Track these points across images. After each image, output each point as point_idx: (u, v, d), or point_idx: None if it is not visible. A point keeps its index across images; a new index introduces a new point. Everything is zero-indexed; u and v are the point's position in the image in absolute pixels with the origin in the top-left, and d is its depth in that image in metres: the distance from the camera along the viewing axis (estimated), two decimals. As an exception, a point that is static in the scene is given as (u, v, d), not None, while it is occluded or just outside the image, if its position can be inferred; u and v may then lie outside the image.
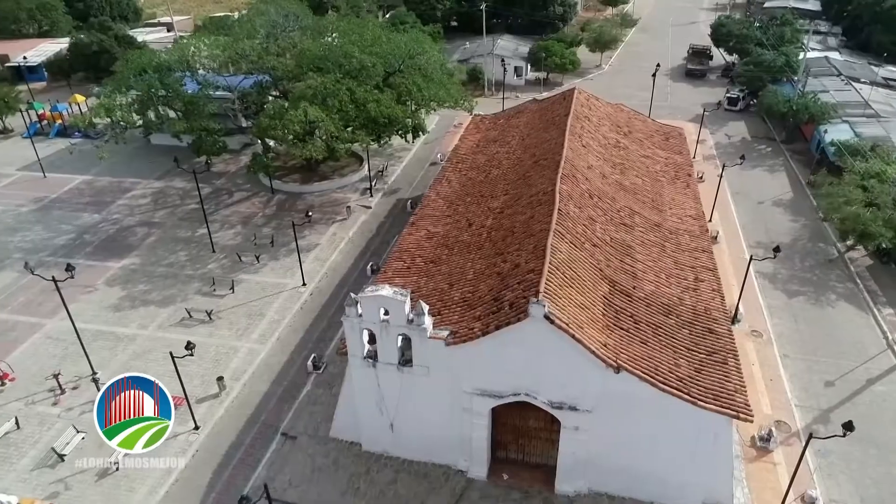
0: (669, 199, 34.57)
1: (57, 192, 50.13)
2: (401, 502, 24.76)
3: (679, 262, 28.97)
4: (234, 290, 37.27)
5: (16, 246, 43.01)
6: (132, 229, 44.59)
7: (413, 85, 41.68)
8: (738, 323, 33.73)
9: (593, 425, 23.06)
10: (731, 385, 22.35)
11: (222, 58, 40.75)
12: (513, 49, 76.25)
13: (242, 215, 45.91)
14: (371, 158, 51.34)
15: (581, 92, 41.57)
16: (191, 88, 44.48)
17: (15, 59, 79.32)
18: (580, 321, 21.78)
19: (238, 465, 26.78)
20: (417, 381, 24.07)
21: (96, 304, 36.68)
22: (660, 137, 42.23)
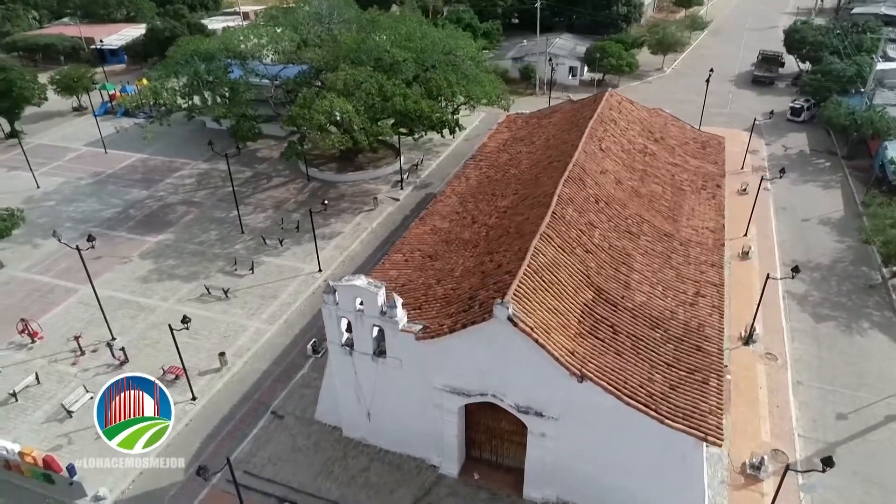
0: (689, 209, 33.25)
1: (114, 168, 53.50)
2: (370, 490, 25.16)
3: (682, 274, 27.88)
4: (253, 270, 38.72)
5: (68, 215, 46.27)
6: (173, 207, 47.03)
7: (443, 81, 41.79)
8: (752, 344, 32.17)
9: (560, 433, 22.66)
10: (707, 406, 21.38)
11: (261, 47, 42.18)
12: (570, 48, 74.96)
13: (276, 200, 47.52)
14: (408, 152, 52.04)
15: (613, 95, 40.50)
16: (236, 75, 46.35)
17: (104, 43, 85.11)
18: (548, 326, 21.42)
19: (226, 437, 27.96)
20: (391, 373, 24.37)
21: (128, 275, 39.01)
22: (695, 145, 40.58)
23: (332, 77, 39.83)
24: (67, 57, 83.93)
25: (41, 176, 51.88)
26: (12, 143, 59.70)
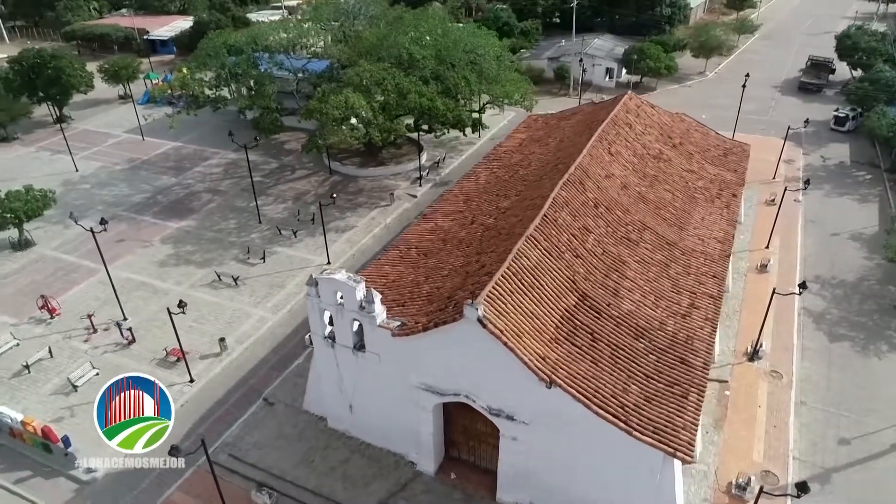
0: (698, 218, 32.29)
1: (149, 155, 55.53)
2: (346, 481, 25.47)
3: (679, 284, 27.12)
4: (264, 260, 39.61)
5: (101, 199, 48.31)
6: (198, 195, 48.51)
7: (461, 79, 41.71)
8: (757, 360, 31.05)
9: (531, 438, 22.44)
10: (682, 421, 20.80)
11: (285, 42, 43.03)
12: (608, 49, 73.65)
13: (297, 191, 48.44)
14: (433, 149, 52.27)
15: (632, 98, 39.62)
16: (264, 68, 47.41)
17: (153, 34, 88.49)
18: (521, 330, 21.21)
19: (216, 420, 28.76)
20: (370, 368, 24.60)
21: (147, 258, 40.50)
22: (717, 153, 39.33)
23: (351, 73, 40.32)
24: (121, 46, 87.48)
25: (81, 160, 54.31)
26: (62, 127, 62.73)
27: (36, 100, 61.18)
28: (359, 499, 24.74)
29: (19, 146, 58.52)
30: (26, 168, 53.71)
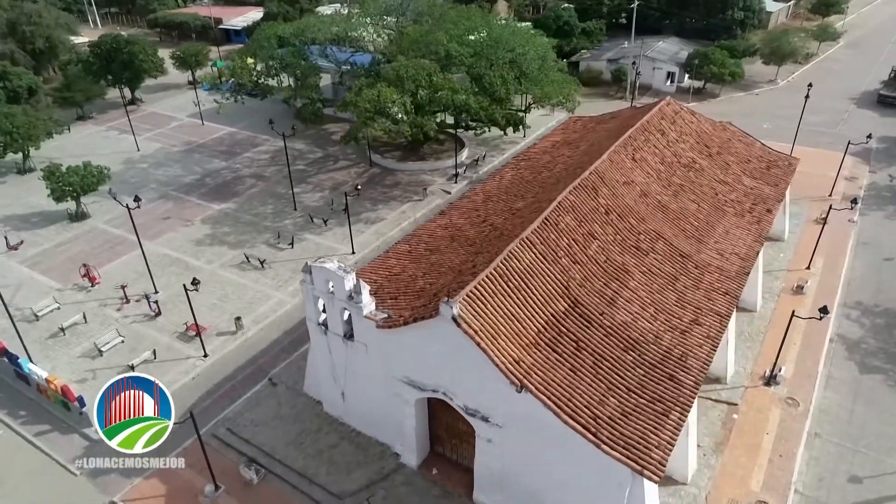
0: (722, 231, 30.91)
1: (204, 139, 58.26)
2: (331, 466, 26.06)
3: (685, 299, 26.11)
4: (293, 245, 40.87)
5: (154, 178, 51.13)
6: (243, 179, 50.53)
7: (497, 78, 41.43)
8: (774, 385, 29.49)
9: (505, 441, 22.30)
10: (657, 439, 20.13)
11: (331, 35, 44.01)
12: (672, 53, 71.25)
13: (335, 181, 49.61)
14: (476, 147, 52.38)
15: (670, 104, 38.22)
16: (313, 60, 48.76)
17: (227, 23, 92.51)
18: (498, 331, 21.06)
19: (222, 395, 30.04)
20: (359, 357, 25.07)
21: (185, 237, 42.61)
22: (759, 165, 37.44)
23: (388, 67, 40.87)
24: (198, 35, 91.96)
25: (144, 140, 57.63)
26: (131, 109, 66.70)
27: (111, 82, 65.30)
28: (339, 483, 25.30)
29: (93, 125, 62.70)
30: (95, 145, 57.52)
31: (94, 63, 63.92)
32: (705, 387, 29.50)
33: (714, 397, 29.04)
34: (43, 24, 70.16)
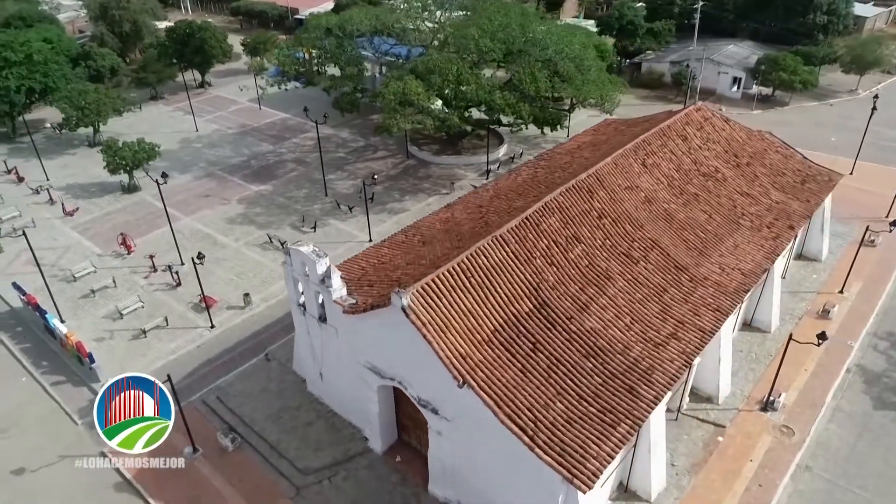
0: (730, 245, 29.41)
1: (258, 123, 60.93)
2: (301, 442, 26.97)
3: (668, 311, 25.13)
4: (315, 229, 42.25)
5: (205, 157, 54.07)
6: (285, 163, 52.54)
7: (526, 75, 40.89)
8: (771, 411, 27.88)
9: (453, 436, 22.39)
10: (596, 450, 19.65)
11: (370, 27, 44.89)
12: (741, 57, 67.71)
13: (370, 170, 50.63)
14: (517, 144, 52.19)
15: (700, 109, 36.54)
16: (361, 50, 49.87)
17: (301, 13, 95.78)
18: (448, 325, 21.11)
19: (219, 365, 31.63)
20: (331, 340, 25.80)
21: (220, 214, 44.91)
22: (793, 178, 35.21)
23: (417, 61, 41.28)
24: (276, 23, 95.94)
25: (203, 122, 61.01)
26: (199, 92, 70.76)
27: (183, 66, 69.39)
28: (306, 460, 26.18)
29: (162, 105, 66.94)
30: (160, 124, 61.45)
31: (169, 47, 68.21)
32: (693, 405, 28.38)
33: (701, 417, 27.80)
34: (130, 9, 75.27)
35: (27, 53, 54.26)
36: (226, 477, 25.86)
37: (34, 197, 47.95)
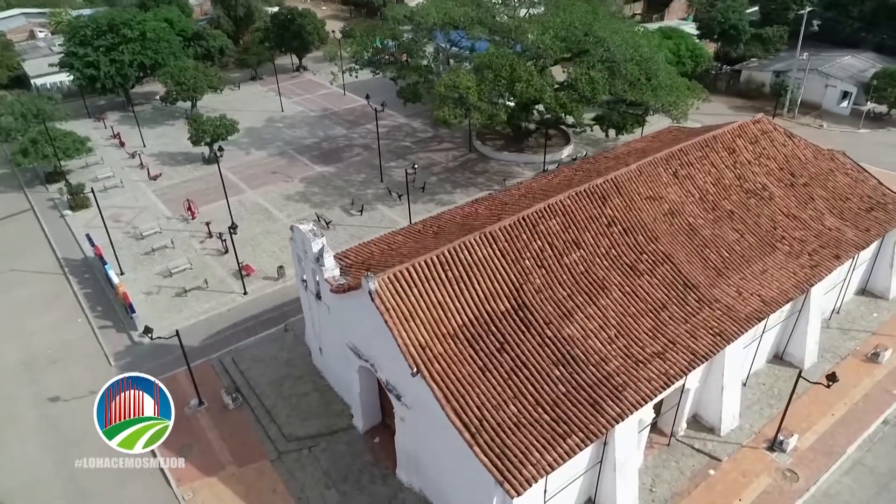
0: (759, 269, 27.29)
1: (339, 108, 63.52)
2: (292, 411, 28.29)
3: (662, 330, 23.89)
4: (362, 212, 43.67)
5: (283, 136, 57.25)
6: (353, 148, 54.51)
7: (583, 76, 39.63)
8: (778, 452, 25.74)
9: (413, 423, 22.72)
10: (537, 458, 19.29)
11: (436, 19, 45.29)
12: (857, 70, 61.65)
13: (430, 161, 51.48)
14: (584, 145, 51.18)
15: (760, 121, 33.87)
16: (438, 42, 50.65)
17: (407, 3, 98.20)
18: (414, 314, 21.39)
19: (242, 330, 33.74)
20: (325, 317, 26.85)
21: (281, 191, 47.51)
22: (859, 204, 31.97)
23: (476, 55, 41.29)
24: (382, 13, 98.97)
25: (290, 103, 64.52)
26: (294, 75, 74.77)
27: (282, 49, 73.56)
28: (292, 427, 27.49)
29: (259, 86, 71.37)
30: (252, 103, 65.67)
31: (270, 31, 72.57)
32: (692, 433, 26.82)
33: (697, 446, 26.18)
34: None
35: (142, 31, 59.84)
36: (220, 431, 27.73)
37: (129, 161, 53.07)
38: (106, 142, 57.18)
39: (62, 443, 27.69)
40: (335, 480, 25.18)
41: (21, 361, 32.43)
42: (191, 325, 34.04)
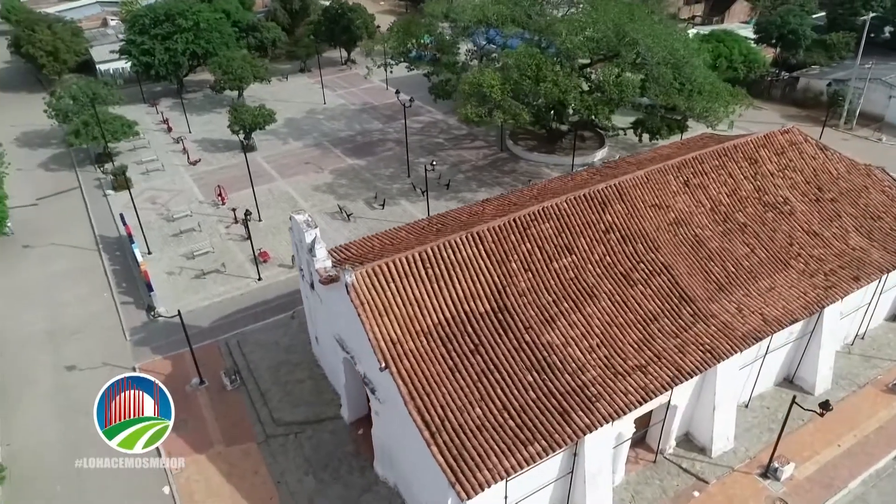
0: (766, 286, 26.00)
1: (378, 102, 64.22)
2: (285, 398, 28.90)
3: (647, 342, 23.11)
4: (383, 207, 44.06)
5: (321, 128, 58.38)
6: (386, 143, 55.03)
7: (609, 77, 38.49)
8: (772, 479, 24.54)
9: (386, 418, 22.84)
10: (494, 463, 19.06)
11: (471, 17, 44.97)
12: (925, 81, 57.56)
13: (459, 158, 51.42)
14: (619, 150, 50.19)
15: (789, 132, 32.09)
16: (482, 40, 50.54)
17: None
18: (389, 309, 21.47)
19: (252, 314, 34.67)
20: (317, 306, 27.28)
21: (310, 181, 48.49)
22: (892, 224, 29.96)
23: (503, 53, 40.84)
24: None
25: (333, 96, 65.69)
26: (342, 69, 76.07)
27: (332, 44, 74.94)
28: (282, 412, 28.11)
29: (307, 78, 72.92)
30: (296, 94, 67.21)
31: (321, 24, 74.04)
32: (682, 451, 25.91)
33: (685, 466, 25.23)
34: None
35: (195, 21, 62.20)
36: (215, 410, 28.65)
37: (173, 145, 55.32)
38: (156, 127, 59.79)
39: (69, 410, 29.19)
40: (315, 468, 25.62)
41: (46, 330, 34.38)
42: (205, 306, 35.28)
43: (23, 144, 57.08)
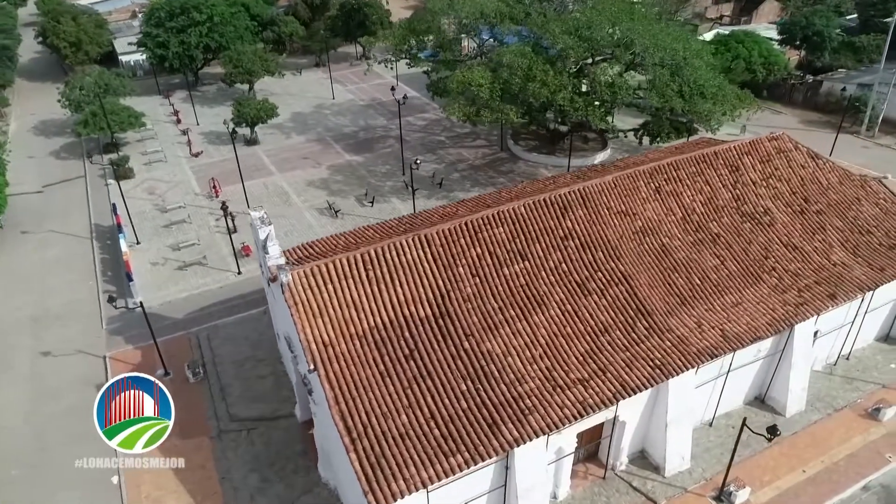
0: (731, 301, 24.84)
1: (386, 99, 63.99)
2: (246, 392, 28.99)
3: (594, 355, 22.29)
4: (373, 204, 43.85)
5: (325, 123, 58.51)
6: (387, 139, 54.79)
7: (600, 78, 37.30)
8: (724, 502, 23.45)
9: (321, 419, 22.60)
10: (412, 473, 18.63)
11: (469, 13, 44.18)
12: (957, 88, 54.40)
13: (457, 157, 50.86)
14: (622, 152, 49.03)
15: (778, 139, 30.59)
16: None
17: None
18: (324, 311, 21.19)
19: (226, 308, 34.86)
20: (273, 303, 27.18)
21: (303, 176, 48.59)
22: (882, 239, 28.30)
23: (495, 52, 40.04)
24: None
25: (342, 91, 65.82)
26: (356, 63, 76.11)
27: (348, 39, 75.04)
28: (238, 407, 28.20)
29: (320, 72, 73.19)
30: (307, 89, 67.57)
31: (338, 19, 74.22)
32: (635, 469, 24.99)
33: (635, 484, 24.32)
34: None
35: (210, 15, 63.03)
36: (175, 403, 28.61)
37: (180, 137, 56.17)
38: (167, 118, 60.83)
39: (42, 396, 29.79)
40: (262, 465, 25.58)
41: (32, 316, 35.22)
42: (184, 297, 35.65)
43: (39, 133, 58.78)
